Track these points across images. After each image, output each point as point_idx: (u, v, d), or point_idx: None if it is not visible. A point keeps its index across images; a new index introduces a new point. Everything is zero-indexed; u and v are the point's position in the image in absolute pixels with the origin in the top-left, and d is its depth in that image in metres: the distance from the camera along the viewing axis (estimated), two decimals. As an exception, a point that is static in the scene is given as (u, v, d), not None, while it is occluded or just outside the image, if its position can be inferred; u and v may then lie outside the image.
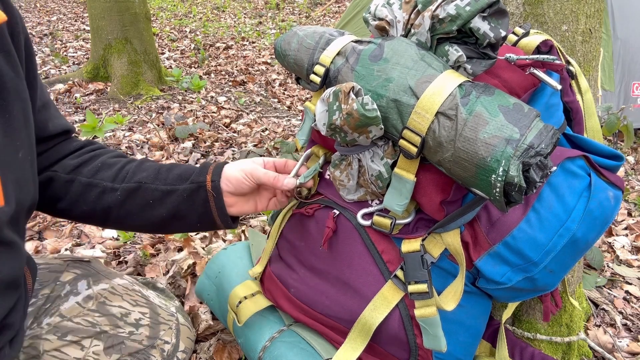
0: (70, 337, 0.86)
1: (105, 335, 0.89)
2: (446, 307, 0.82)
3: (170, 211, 0.85)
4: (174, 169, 0.89)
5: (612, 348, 1.29)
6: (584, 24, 1.01)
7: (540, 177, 0.68)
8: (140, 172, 0.87)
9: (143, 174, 0.87)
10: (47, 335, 0.85)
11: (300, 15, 8.34)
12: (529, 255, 0.82)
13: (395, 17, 0.84)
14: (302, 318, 0.99)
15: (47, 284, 0.92)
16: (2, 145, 0.66)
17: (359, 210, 0.90)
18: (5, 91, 0.68)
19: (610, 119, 2.33)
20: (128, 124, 3.21)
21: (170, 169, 0.89)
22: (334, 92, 0.80)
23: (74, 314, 0.89)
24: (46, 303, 0.90)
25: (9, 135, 0.68)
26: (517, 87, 0.81)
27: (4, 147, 0.67)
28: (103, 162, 0.88)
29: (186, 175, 0.87)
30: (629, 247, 1.82)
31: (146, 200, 0.85)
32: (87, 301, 0.92)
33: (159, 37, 6.24)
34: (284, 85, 4.56)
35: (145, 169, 0.88)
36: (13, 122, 0.69)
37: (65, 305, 0.90)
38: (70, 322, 0.88)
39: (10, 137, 0.68)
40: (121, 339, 0.91)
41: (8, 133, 0.68)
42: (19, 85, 0.71)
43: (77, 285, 0.93)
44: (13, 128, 0.69)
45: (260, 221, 1.97)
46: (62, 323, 0.87)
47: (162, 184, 0.86)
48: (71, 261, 0.98)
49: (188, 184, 0.86)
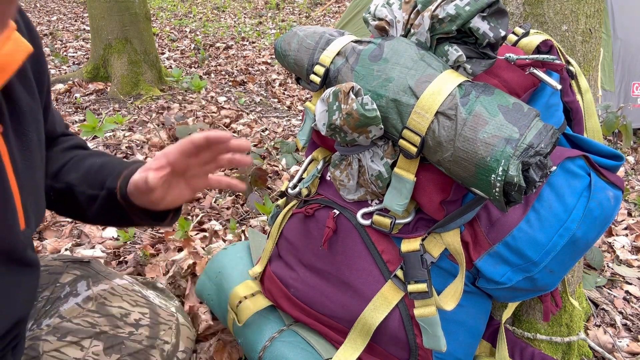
0: (70, 337, 0.86)
1: (105, 335, 0.89)
2: (446, 306, 0.82)
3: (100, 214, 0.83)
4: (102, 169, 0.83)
5: (612, 348, 1.29)
6: (584, 24, 1.01)
7: (539, 177, 0.68)
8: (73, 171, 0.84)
9: (73, 175, 0.84)
10: (46, 336, 0.85)
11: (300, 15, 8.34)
12: (529, 255, 0.82)
13: (395, 17, 0.84)
14: (302, 318, 0.99)
15: (47, 286, 0.92)
16: (22, 170, 0.67)
17: (359, 210, 0.90)
18: (22, 115, 0.68)
19: (609, 118, 2.34)
20: (128, 124, 3.21)
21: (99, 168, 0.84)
22: (334, 92, 0.80)
23: (74, 314, 0.89)
24: (46, 305, 0.90)
25: (27, 159, 0.69)
26: (517, 87, 0.81)
27: (24, 171, 0.67)
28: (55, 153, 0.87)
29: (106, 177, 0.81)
30: (629, 247, 1.82)
31: (77, 203, 0.83)
32: (86, 302, 0.92)
33: (159, 37, 6.24)
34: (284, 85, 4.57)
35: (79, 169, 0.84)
36: (30, 144, 0.70)
37: (64, 307, 0.90)
38: (69, 323, 0.88)
39: (28, 161, 0.69)
40: (121, 339, 0.90)
41: (26, 156, 0.68)
42: (34, 107, 0.72)
43: (77, 286, 0.93)
44: (30, 151, 0.69)
45: (260, 221, 1.97)
46: (62, 324, 0.87)
47: (89, 187, 0.82)
48: (70, 262, 0.98)
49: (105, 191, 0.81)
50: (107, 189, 0.80)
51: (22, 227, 0.66)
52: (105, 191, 0.80)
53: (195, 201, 2.17)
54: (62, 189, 0.83)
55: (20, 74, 0.68)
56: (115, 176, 0.80)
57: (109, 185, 0.80)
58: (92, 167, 0.84)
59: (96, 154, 0.88)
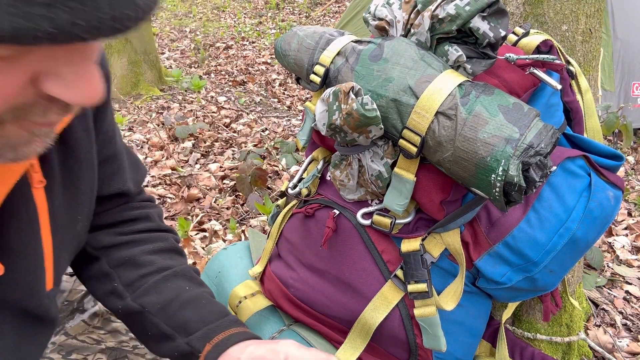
0: (75, 355, 0.86)
1: (109, 349, 0.89)
2: (446, 306, 0.82)
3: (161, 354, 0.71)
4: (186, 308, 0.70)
5: (612, 348, 1.29)
6: (584, 24, 1.01)
7: (539, 177, 0.68)
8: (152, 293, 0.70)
9: (152, 298, 0.70)
10: (51, 354, 0.85)
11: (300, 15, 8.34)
12: (529, 255, 0.82)
13: (395, 17, 0.84)
14: (302, 318, 0.99)
15: None
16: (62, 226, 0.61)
17: (359, 210, 0.90)
18: (78, 164, 0.61)
19: (609, 118, 2.34)
20: (128, 124, 3.21)
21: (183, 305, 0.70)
22: (334, 92, 0.80)
23: (79, 331, 0.89)
24: None
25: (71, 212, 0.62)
26: (517, 87, 0.81)
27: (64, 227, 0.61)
28: (132, 257, 0.74)
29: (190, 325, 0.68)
30: (629, 247, 1.82)
31: (143, 329, 0.71)
32: (92, 318, 0.91)
33: (159, 37, 6.24)
34: (284, 85, 4.57)
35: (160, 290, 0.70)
36: (78, 196, 0.63)
37: (70, 323, 0.89)
38: (75, 340, 0.87)
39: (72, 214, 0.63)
40: (125, 353, 0.90)
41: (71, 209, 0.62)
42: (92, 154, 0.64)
43: (84, 303, 0.92)
44: (77, 203, 0.63)
45: (260, 221, 1.97)
46: (67, 341, 0.87)
47: (164, 322, 0.69)
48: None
49: (184, 342, 0.67)
50: (190, 345, 0.67)
51: (48, 287, 0.61)
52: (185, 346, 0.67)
53: (195, 201, 2.17)
54: (132, 308, 0.70)
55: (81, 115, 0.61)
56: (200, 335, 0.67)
57: (194, 344, 0.66)
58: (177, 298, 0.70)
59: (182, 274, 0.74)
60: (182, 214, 2.05)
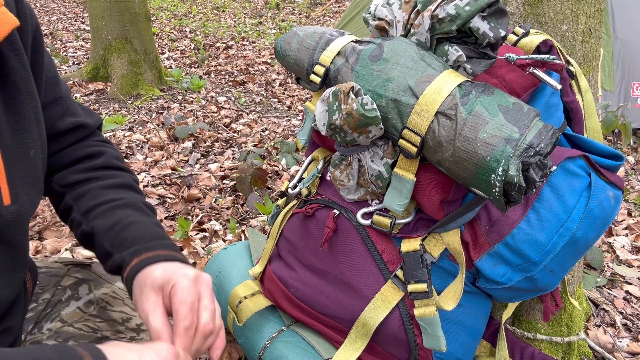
0: (71, 342, 0.86)
1: (106, 340, 0.89)
2: (446, 306, 0.82)
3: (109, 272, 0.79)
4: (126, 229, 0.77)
5: (612, 348, 1.29)
6: (584, 24, 1.01)
7: (539, 177, 0.68)
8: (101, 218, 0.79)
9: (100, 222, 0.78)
10: (47, 340, 0.85)
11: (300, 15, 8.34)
12: (529, 255, 0.82)
13: (395, 17, 0.84)
14: (302, 318, 0.99)
15: (48, 288, 0.91)
16: (10, 145, 0.66)
17: (359, 210, 0.90)
18: (15, 89, 0.67)
19: (608, 117, 2.34)
20: (128, 124, 3.21)
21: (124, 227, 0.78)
22: (334, 92, 0.80)
23: (75, 319, 0.89)
24: (47, 308, 0.89)
25: (18, 135, 0.67)
26: (517, 87, 0.81)
27: (13, 146, 0.66)
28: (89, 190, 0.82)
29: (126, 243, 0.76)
30: (629, 247, 1.82)
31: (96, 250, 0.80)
32: (88, 306, 0.91)
33: (159, 37, 6.24)
34: (284, 85, 4.57)
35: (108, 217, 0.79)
36: (23, 120, 0.68)
37: (66, 310, 0.89)
38: (71, 328, 0.88)
39: (19, 137, 0.67)
40: None
41: (17, 132, 0.67)
42: (30, 83, 0.70)
43: (78, 290, 0.93)
44: (23, 126, 0.68)
45: (260, 221, 1.97)
46: (63, 328, 0.87)
47: (108, 242, 0.77)
48: (72, 265, 0.98)
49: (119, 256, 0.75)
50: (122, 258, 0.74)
51: (5, 202, 0.64)
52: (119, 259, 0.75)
53: (195, 201, 2.17)
54: (85, 231, 0.79)
55: (13, 47, 0.67)
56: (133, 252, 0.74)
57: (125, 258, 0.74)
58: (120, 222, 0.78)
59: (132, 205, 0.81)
60: (182, 214, 2.05)
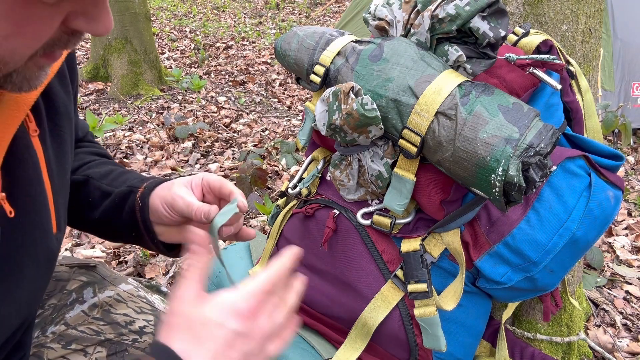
0: (75, 345, 0.86)
1: (109, 342, 0.89)
2: (446, 306, 0.82)
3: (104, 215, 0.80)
4: (124, 175, 0.82)
5: (612, 348, 1.29)
6: (584, 24, 1.01)
7: (539, 177, 0.68)
8: (94, 168, 0.83)
9: (95, 170, 0.82)
10: (51, 343, 0.85)
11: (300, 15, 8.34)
12: (529, 255, 0.82)
13: (395, 17, 0.84)
14: (302, 318, 0.99)
15: (54, 293, 0.92)
16: (56, 173, 0.65)
17: (359, 210, 0.90)
18: (58, 115, 0.67)
19: (608, 117, 2.33)
20: (128, 124, 3.21)
21: (121, 174, 0.82)
22: (334, 92, 0.80)
23: (79, 322, 0.89)
24: (52, 313, 0.90)
25: (60, 161, 0.67)
26: (517, 87, 0.81)
27: (57, 174, 0.66)
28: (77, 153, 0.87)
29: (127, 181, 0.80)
30: (629, 247, 1.82)
31: (87, 198, 0.80)
32: (92, 309, 0.91)
33: (159, 37, 6.24)
34: (284, 85, 4.57)
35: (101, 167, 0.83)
36: (63, 146, 0.68)
37: (70, 314, 0.90)
38: (74, 331, 0.88)
39: (61, 163, 0.68)
40: (124, 346, 0.90)
41: (60, 158, 0.67)
42: (69, 106, 0.70)
43: (83, 294, 0.93)
44: (63, 152, 0.68)
45: (260, 221, 1.97)
46: (67, 331, 0.87)
47: (106, 184, 0.80)
48: (77, 267, 0.98)
49: (123, 188, 0.78)
50: (129, 186, 0.78)
51: (54, 230, 0.64)
52: (126, 188, 0.78)
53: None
54: (77, 180, 0.81)
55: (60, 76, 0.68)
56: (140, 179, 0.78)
57: (132, 183, 0.78)
58: (115, 170, 0.83)
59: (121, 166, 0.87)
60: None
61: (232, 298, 0.55)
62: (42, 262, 0.63)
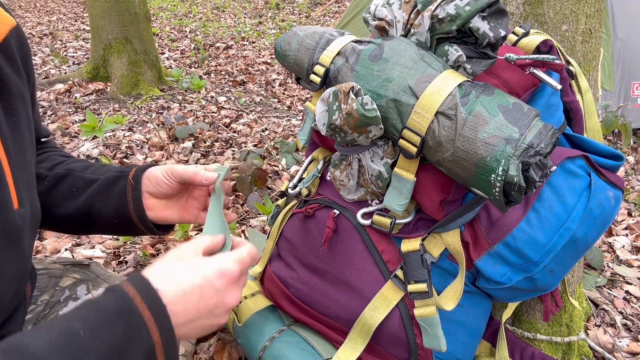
0: None
1: None
2: (446, 306, 0.82)
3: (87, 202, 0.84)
4: (106, 166, 0.89)
5: (612, 348, 1.29)
6: (584, 24, 1.01)
7: (539, 177, 0.68)
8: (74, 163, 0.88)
9: (76, 164, 0.87)
10: None
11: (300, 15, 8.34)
12: (529, 255, 0.82)
13: (395, 17, 0.84)
14: (302, 318, 0.99)
15: (47, 289, 0.92)
16: (12, 148, 0.66)
17: (359, 210, 0.90)
18: (11, 95, 0.69)
19: (608, 117, 2.33)
20: (128, 124, 3.21)
21: (104, 166, 0.89)
22: (334, 92, 0.80)
23: None
24: (45, 309, 0.89)
25: (17, 139, 0.68)
26: (517, 87, 0.81)
27: (14, 149, 0.67)
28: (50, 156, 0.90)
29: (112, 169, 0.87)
30: (629, 247, 1.82)
31: (70, 188, 0.84)
32: None
33: (159, 37, 6.24)
34: (284, 85, 4.57)
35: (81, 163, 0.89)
36: (20, 124, 0.69)
37: (64, 311, 0.90)
38: None
39: (19, 140, 0.69)
40: None
41: (16, 136, 0.68)
42: (22, 89, 0.72)
43: (77, 290, 0.93)
44: (20, 131, 0.69)
45: (260, 221, 1.97)
46: None
47: (89, 174, 0.85)
48: (70, 265, 0.98)
49: (112, 173, 0.85)
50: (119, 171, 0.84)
51: (15, 206, 0.64)
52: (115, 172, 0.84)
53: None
54: (59, 174, 0.84)
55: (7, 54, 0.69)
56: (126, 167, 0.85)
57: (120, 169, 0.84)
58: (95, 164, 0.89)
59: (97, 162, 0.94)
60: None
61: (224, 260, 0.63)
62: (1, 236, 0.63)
